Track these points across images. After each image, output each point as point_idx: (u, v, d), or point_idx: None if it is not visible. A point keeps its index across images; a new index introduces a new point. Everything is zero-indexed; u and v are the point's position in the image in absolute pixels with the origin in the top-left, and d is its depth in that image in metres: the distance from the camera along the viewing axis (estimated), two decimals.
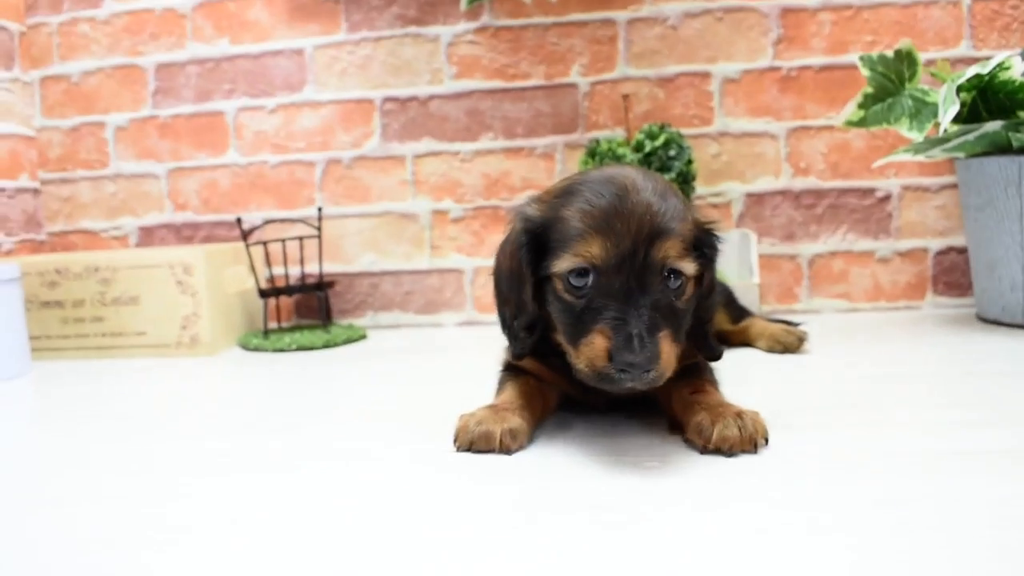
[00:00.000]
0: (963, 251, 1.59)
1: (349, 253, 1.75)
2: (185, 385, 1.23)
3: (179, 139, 1.79)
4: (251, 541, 0.59)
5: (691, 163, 1.46)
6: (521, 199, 1.28)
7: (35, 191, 1.84)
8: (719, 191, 1.63)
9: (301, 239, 1.61)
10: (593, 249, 0.73)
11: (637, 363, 0.68)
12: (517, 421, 0.79)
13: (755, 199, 1.63)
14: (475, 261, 1.70)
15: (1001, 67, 1.26)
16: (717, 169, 1.63)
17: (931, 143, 1.32)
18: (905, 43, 1.38)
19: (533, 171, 1.68)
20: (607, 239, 0.72)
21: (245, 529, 0.61)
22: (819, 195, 1.61)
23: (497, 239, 0.86)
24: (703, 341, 0.84)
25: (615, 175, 0.77)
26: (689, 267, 0.75)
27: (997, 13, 1.54)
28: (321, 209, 1.67)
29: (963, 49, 1.56)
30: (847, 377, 1.06)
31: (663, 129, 1.47)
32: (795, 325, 1.33)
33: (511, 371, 0.89)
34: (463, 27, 1.67)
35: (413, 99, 1.70)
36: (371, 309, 1.75)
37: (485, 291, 1.70)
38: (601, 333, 0.71)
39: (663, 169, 1.43)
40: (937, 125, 1.29)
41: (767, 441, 0.75)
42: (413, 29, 1.69)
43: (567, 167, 1.66)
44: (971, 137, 1.30)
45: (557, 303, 0.77)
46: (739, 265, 1.56)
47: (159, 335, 1.48)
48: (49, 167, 1.84)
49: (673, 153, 1.44)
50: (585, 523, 0.59)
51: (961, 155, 1.37)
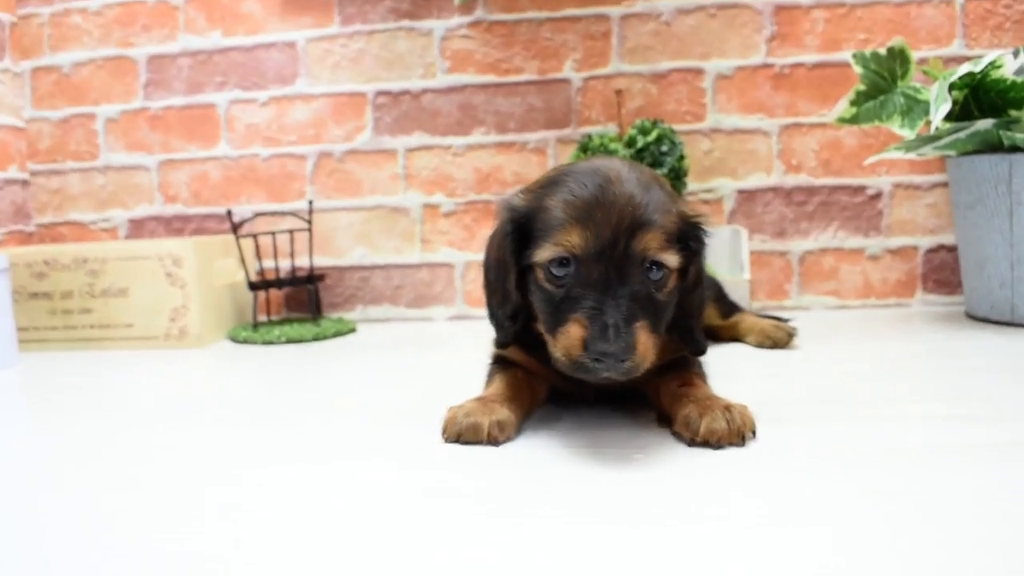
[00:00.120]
0: (953, 249, 1.59)
1: (340, 246, 1.74)
2: (173, 377, 1.23)
3: (170, 131, 1.78)
4: (239, 533, 0.58)
5: (683, 159, 1.46)
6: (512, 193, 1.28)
7: (24, 182, 1.82)
8: (711, 187, 1.63)
9: (292, 232, 1.60)
10: (573, 239, 0.73)
11: (611, 352, 0.68)
12: (505, 413, 0.79)
13: (747, 196, 1.63)
14: (466, 255, 1.70)
15: (993, 65, 1.26)
16: (709, 165, 1.63)
17: (922, 141, 1.32)
18: (898, 41, 1.38)
19: (525, 166, 1.67)
20: (587, 229, 0.72)
21: (233, 521, 0.61)
22: (810, 192, 1.61)
23: (488, 233, 0.86)
24: (689, 335, 0.84)
25: (601, 166, 0.77)
26: (671, 259, 0.75)
27: (990, 12, 1.55)
28: (312, 202, 1.66)
29: (956, 47, 1.56)
30: (835, 372, 1.06)
31: (655, 125, 1.47)
32: (785, 321, 1.33)
33: (500, 364, 0.89)
34: (456, 21, 1.67)
35: (406, 93, 1.70)
36: (361, 303, 1.74)
37: (475, 285, 1.69)
38: (577, 322, 0.71)
39: (655, 165, 1.43)
40: (929, 123, 1.30)
41: (755, 434, 0.75)
42: (406, 23, 1.68)
43: (559, 162, 1.65)
44: (962, 135, 1.30)
45: (539, 292, 0.77)
46: (730, 261, 1.56)
47: (148, 327, 1.47)
48: (39, 158, 1.83)
49: (665, 149, 1.45)
50: (570, 514, 0.59)
51: (952, 153, 1.38)
